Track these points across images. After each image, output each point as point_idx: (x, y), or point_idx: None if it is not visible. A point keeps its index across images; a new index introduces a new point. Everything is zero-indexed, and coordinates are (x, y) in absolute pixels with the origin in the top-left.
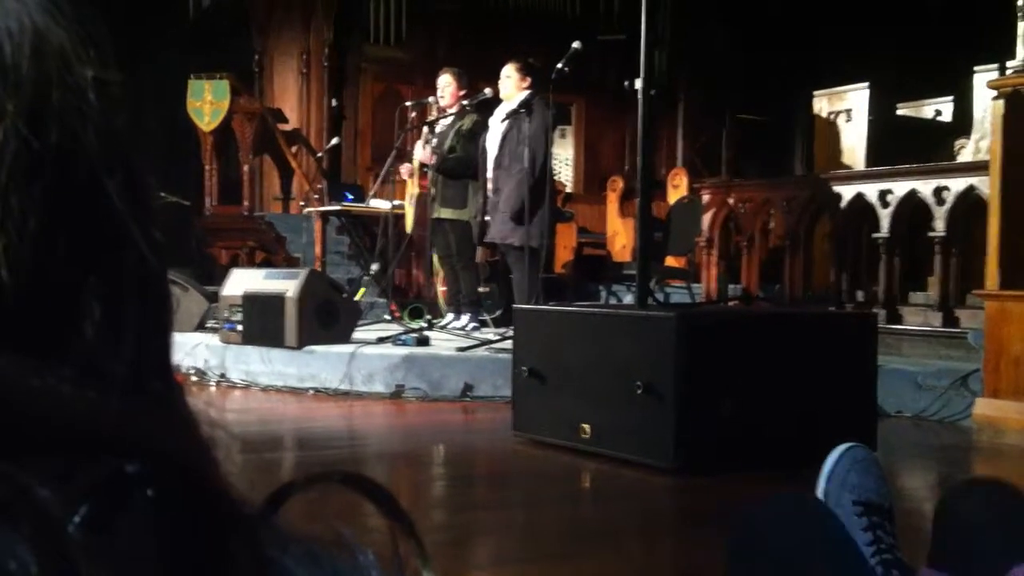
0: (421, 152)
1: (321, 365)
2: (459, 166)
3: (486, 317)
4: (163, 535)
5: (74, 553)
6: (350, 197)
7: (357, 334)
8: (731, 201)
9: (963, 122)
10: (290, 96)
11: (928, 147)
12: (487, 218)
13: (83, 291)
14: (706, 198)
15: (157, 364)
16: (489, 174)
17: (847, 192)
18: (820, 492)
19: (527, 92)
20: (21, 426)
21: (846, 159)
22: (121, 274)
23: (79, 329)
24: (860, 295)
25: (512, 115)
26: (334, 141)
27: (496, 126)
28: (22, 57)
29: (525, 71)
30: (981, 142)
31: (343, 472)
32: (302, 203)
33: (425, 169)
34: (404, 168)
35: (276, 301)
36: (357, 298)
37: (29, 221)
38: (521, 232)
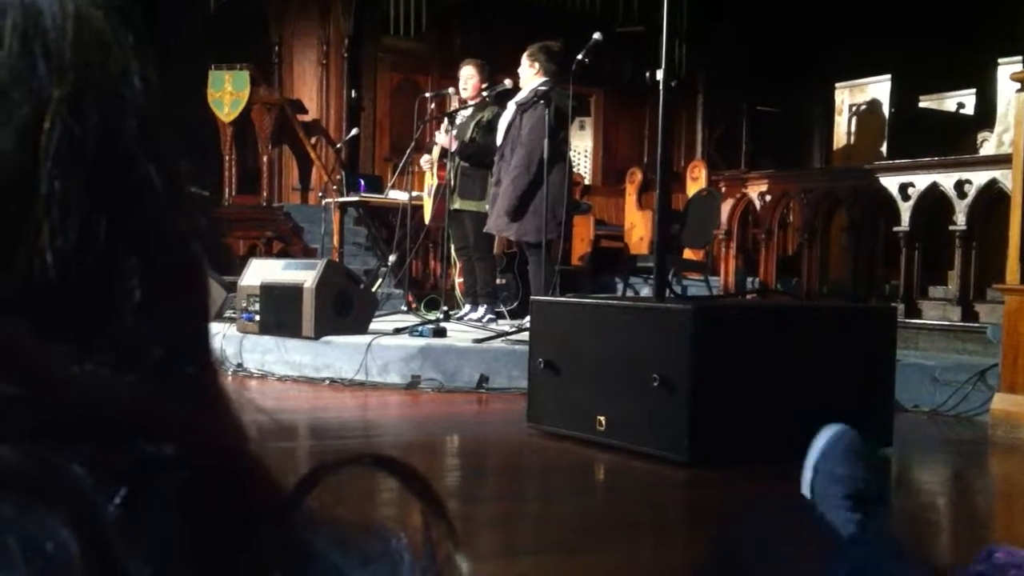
0: (442, 138)
1: (337, 355)
2: (479, 153)
3: (502, 309)
4: (197, 517)
5: (112, 535)
6: (363, 185)
7: (374, 325)
8: (750, 193)
9: (986, 115)
10: (309, 87)
11: (950, 140)
12: (487, 207)
13: (123, 274)
14: (724, 190)
15: (194, 347)
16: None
17: (867, 185)
18: (806, 487)
19: (541, 81)
20: (59, 412)
21: (867, 152)
22: (160, 257)
23: (118, 311)
24: (879, 288)
25: (521, 105)
26: (353, 132)
27: (506, 116)
28: (65, 43)
29: (535, 57)
30: (1004, 135)
31: (374, 455)
32: (320, 194)
33: (444, 160)
34: (424, 159)
35: (294, 291)
36: (374, 289)
37: (72, 205)
38: (515, 227)
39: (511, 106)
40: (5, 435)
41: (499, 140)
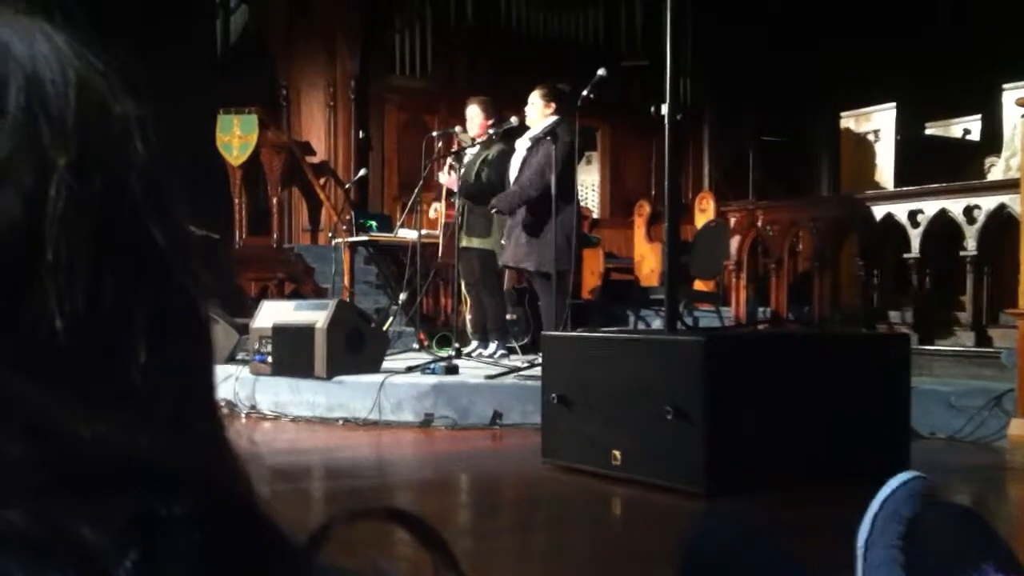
0: (446, 178)
1: (350, 395)
2: (482, 191)
3: (514, 344)
4: (212, 572)
5: None
6: (372, 226)
7: (386, 363)
8: (759, 223)
9: (992, 140)
10: (317, 128)
11: (957, 166)
12: (503, 242)
13: (130, 333)
14: (733, 221)
15: (202, 401)
16: None
17: (876, 212)
18: (867, 523)
19: (552, 118)
20: (71, 473)
21: (874, 179)
22: (166, 315)
23: (127, 369)
24: (891, 315)
25: (535, 142)
26: (361, 172)
27: (519, 153)
28: (68, 109)
29: (550, 97)
30: (1011, 160)
31: (388, 508)
32: (330, 234)
33: (452, 199)
34: (433, 207)
35: (306, 332)
36: (385, 327)
37: (78, 269)
38: (534, 257)
39: (523, 143)
40: (13, 496)
41: (512, 176)
